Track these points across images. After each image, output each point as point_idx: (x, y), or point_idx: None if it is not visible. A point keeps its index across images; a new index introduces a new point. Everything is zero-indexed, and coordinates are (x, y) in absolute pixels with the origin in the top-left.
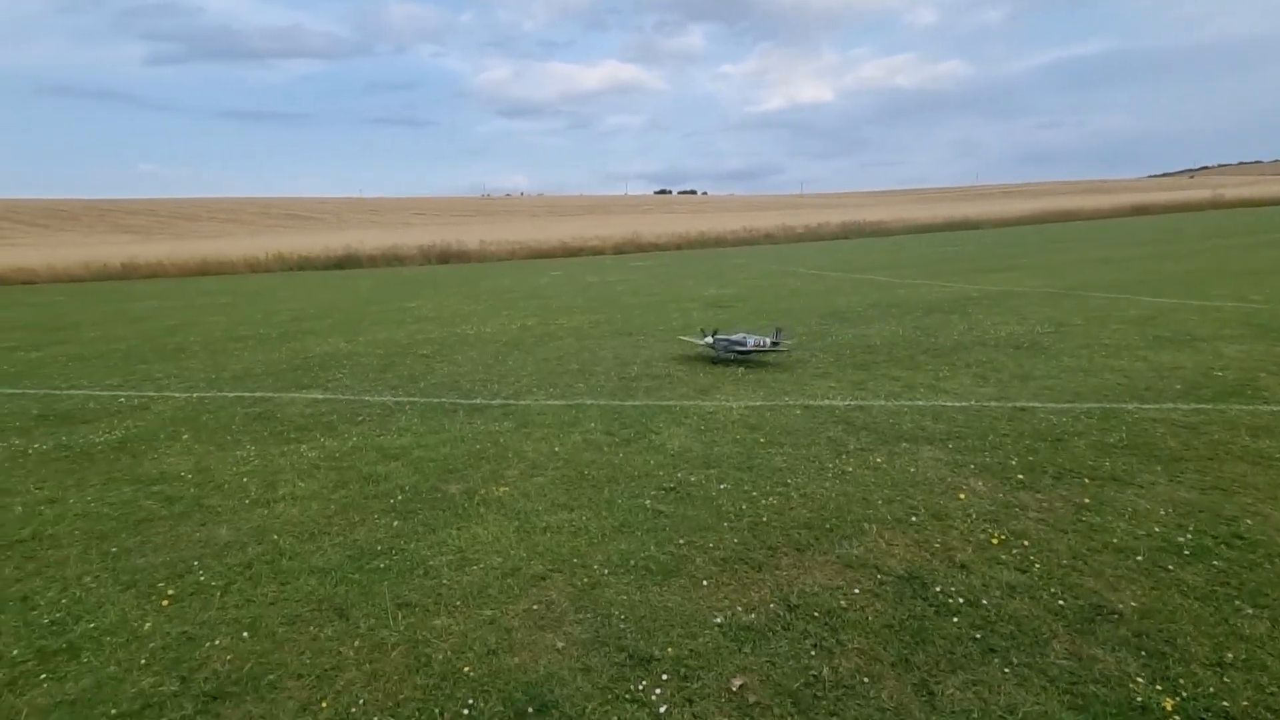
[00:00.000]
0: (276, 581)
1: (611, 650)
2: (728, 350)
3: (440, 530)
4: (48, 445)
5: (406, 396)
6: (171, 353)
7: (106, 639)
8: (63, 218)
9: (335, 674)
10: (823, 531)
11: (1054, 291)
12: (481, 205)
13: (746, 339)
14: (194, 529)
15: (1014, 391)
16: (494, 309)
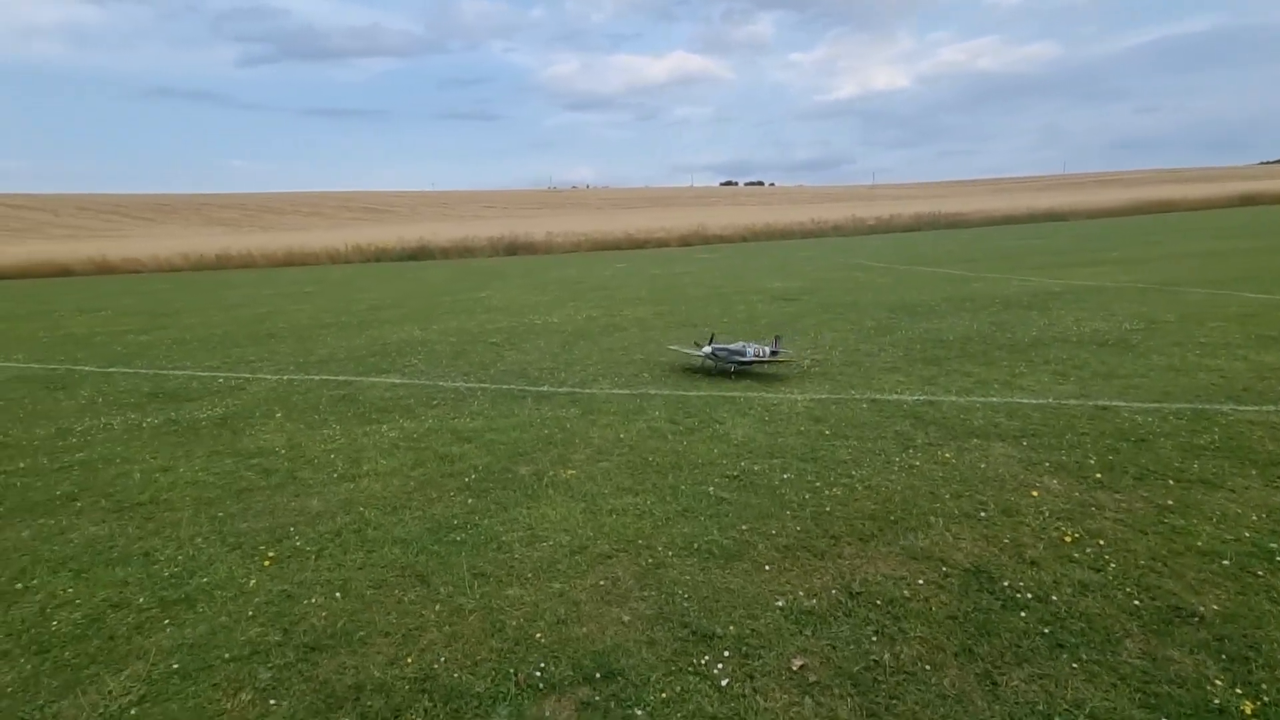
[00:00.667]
0: (363, 549)
1: (675, 626)
2: (727, 361)
3: (511, 509)
4: (159, 420)
5: (478, 382)
6: (263, 338)
7: (217, 592)
8: (165, 212)
9: (419, 634)
10: (887, 523)
11: (1146, 287)
12: (547, 198)
13: (746, 348)
14: (289, 499)
15: (1096, 390)
16: (560, 300)
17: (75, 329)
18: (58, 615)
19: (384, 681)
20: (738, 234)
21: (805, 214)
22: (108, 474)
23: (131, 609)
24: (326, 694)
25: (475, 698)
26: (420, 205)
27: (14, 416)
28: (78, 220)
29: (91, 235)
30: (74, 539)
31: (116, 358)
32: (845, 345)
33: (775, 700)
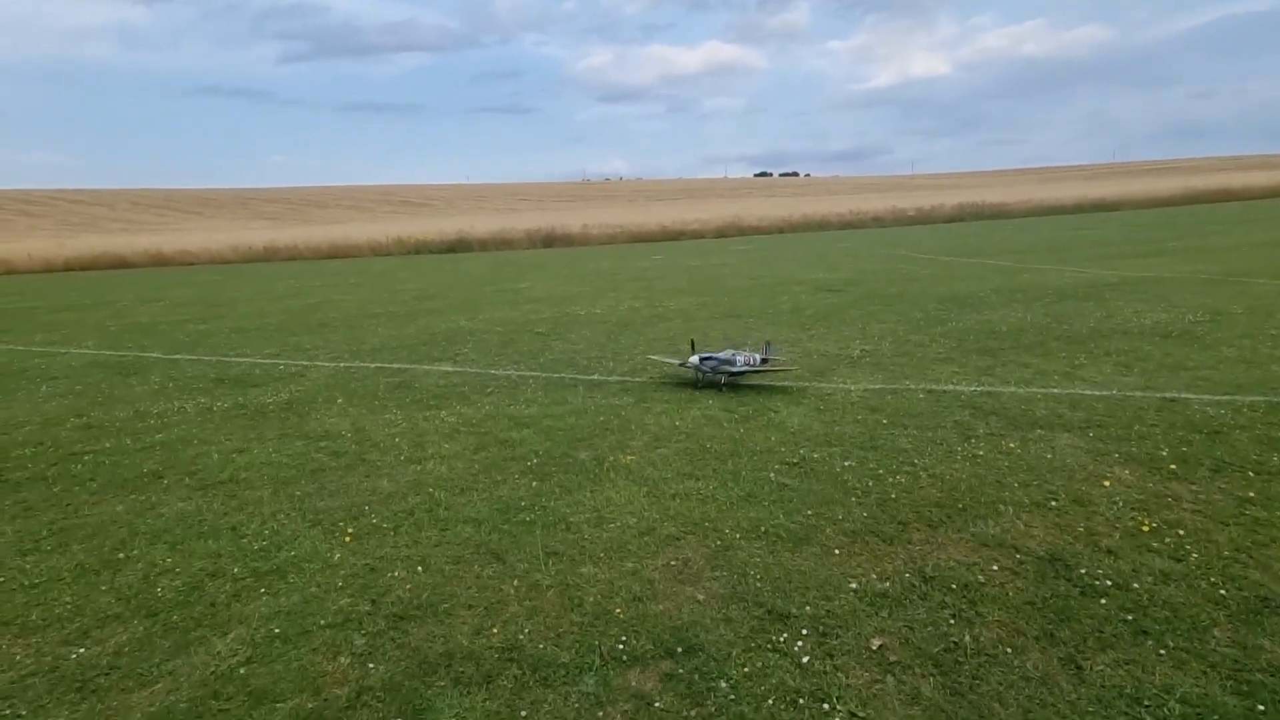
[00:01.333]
0: (437, 527)
1: (750, 605)
2: (716, 372)
3: (575, 492)
4: (228, 404)
5: (529, 371)
6: (316, 327)
7: (305, 565)
8: (212, 205)
9: (500, 607)
10: (955, 511)
11: (1209, 278)
12: (580, 190)
13: (736, 357)
14: (360, 480)
15: (1162, 381)
16: (600, 291)
17: (139, 318)
18: (160, 582)
19: (472, 650)
20: (774, 225)
21: (843, 205)
22: (187, 454)
23: (227, 578)
24: (419, 660)
25: (562, 667)
26: (456, 198)
27: (94, 400)
28: (131, 214)
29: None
30: (165, 513)
31: (180, 345)
32: (895, 336)
33: (857, 678)
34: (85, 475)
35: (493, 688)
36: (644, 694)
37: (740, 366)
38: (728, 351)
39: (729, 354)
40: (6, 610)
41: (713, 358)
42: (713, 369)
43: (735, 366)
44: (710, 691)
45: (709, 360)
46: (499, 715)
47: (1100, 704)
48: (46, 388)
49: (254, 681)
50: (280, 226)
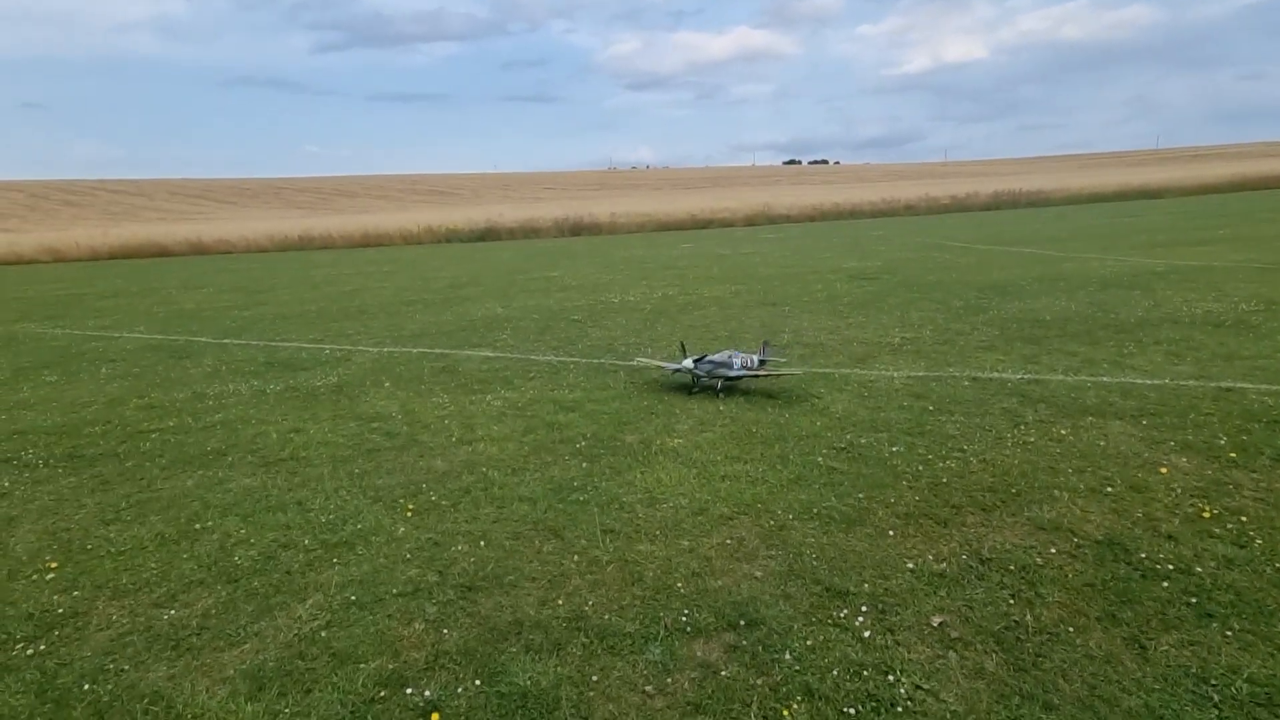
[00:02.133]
0: (493, 505)
1: (808, 582)
2: (712, 375)
3: (625, 473)
4: (280, 387)
5: (568, 357)
6: (355, 313)
7: (372, 538)
8: (246, 195)
9: (563, 580)
10: (1009, 495)
11: (1262, 266)
12: (607, 178)
13: (734, 359)
14: (414, 459)
15: (1217, 371)
16: (632, 279)
17: (184, 305)
18: (237, 551)
19: (539, 619)
20: (804, 214)
21: (875, 193)
22: (247, 433)
23: (299, 549)
24: (490, 627)
25: (628, 637)
26: (483, 187)
27: (152, 381)
28: (169, 204)
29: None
30: (232, 489)
31: (228, 330)
32: (935, 324)
33: (919, 653)
34: (154, 452)
35: (563, 654)
36: (710, 663)
37: (738, 369)
38: (724, 353)
39: (726, 356)
40: (98, 575)
41: (709, 360)
42: (708, 372)
43: (733, 370)
44: (775, 662)
45: (704, 363)
46: (571, 680)
47: (1166, 682)
48: (106, 370)
49: (335, 644)
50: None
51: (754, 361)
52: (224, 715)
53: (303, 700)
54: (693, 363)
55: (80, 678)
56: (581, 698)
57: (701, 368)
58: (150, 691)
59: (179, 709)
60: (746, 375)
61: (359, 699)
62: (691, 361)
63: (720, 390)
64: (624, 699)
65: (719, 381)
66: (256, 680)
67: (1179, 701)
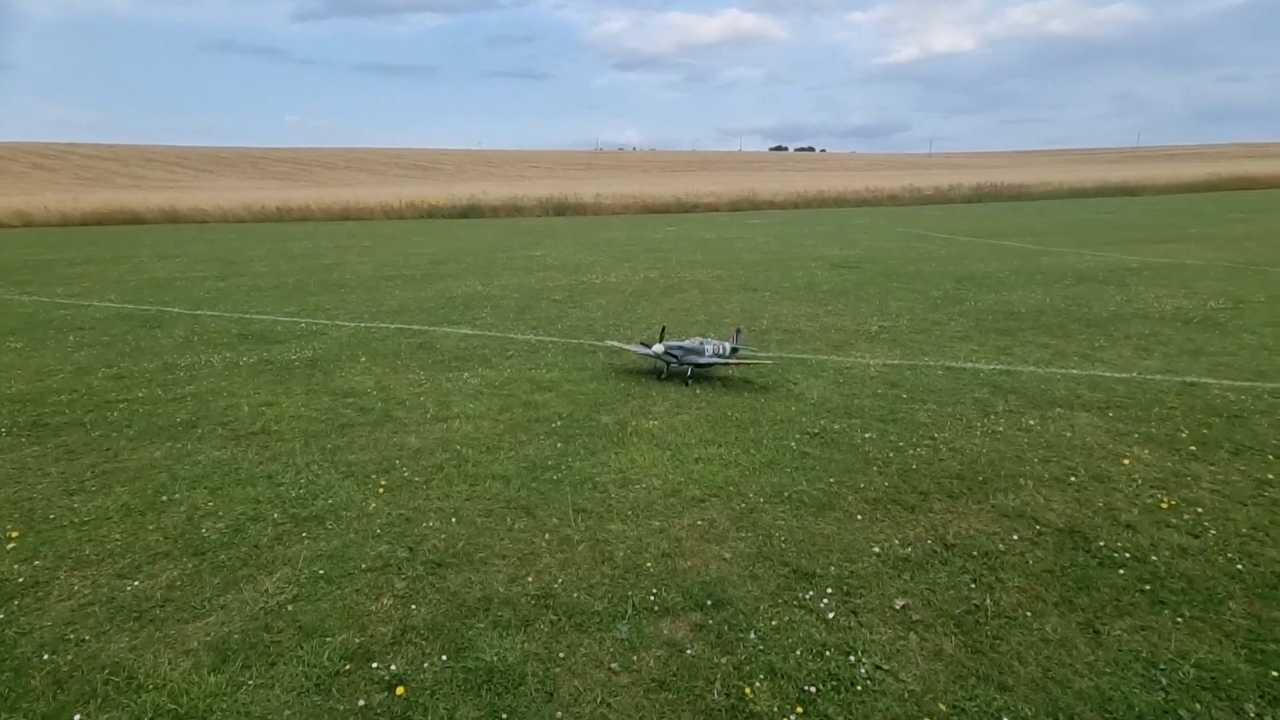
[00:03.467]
0: (466, 482)
1: (775, 564)
2: (681, 362)
3: (600, 453)
4: (253, 359)
5: (547, 336)
6: (333, 287)
7: (342, 513)
8: (223, 164)
9: (533, 558)
10: (975, 483)
11: (1231, 265)
12: (592, 159)
13: (705, 346)
14: (388, 435)
15: (1182, 366)
16: (615, 260)
17: (156, 273)
18: (204, 524)
19: (509, 596)
20: (789, 200)
21: (859, 182)
22: (218, 405)
23: (268, 523)
24: (458, 603)
25: (596, 615)
26: (466, 164)
27: (122, 351)
28: (143, 170)
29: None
30: (202, 460)
31: (201, 301)
32: (913, 314)
33: (881, 634)
34: (121, 422)
35: (530, 631)
36: (675, 642)
37: (709, 357)
38: (695, 340)
39: (697, 342)
40: (61, 545)
41: (679, 346)
42: (679, 359)
43: (703, 357)
44: (740, 641)
45: (675, 349)
46: (538, 656)
47: (1117, 666)
48: (74, 338)
49: (302, 617)
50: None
51: (726, 349)
52: (186, 686)
53: (267, 673)
54: (663, 348)
55: (40, 647)
56: (547, 674)
57: (672, 353)
58: (111, 662)
59: (140, 679)
60: (717, 363)
61: (324, 672)
62: (662, 347)
63: (690, 378)
64: (589, 675)
65: (689, 368)
66: (220, 652)
67: (1129, 684)
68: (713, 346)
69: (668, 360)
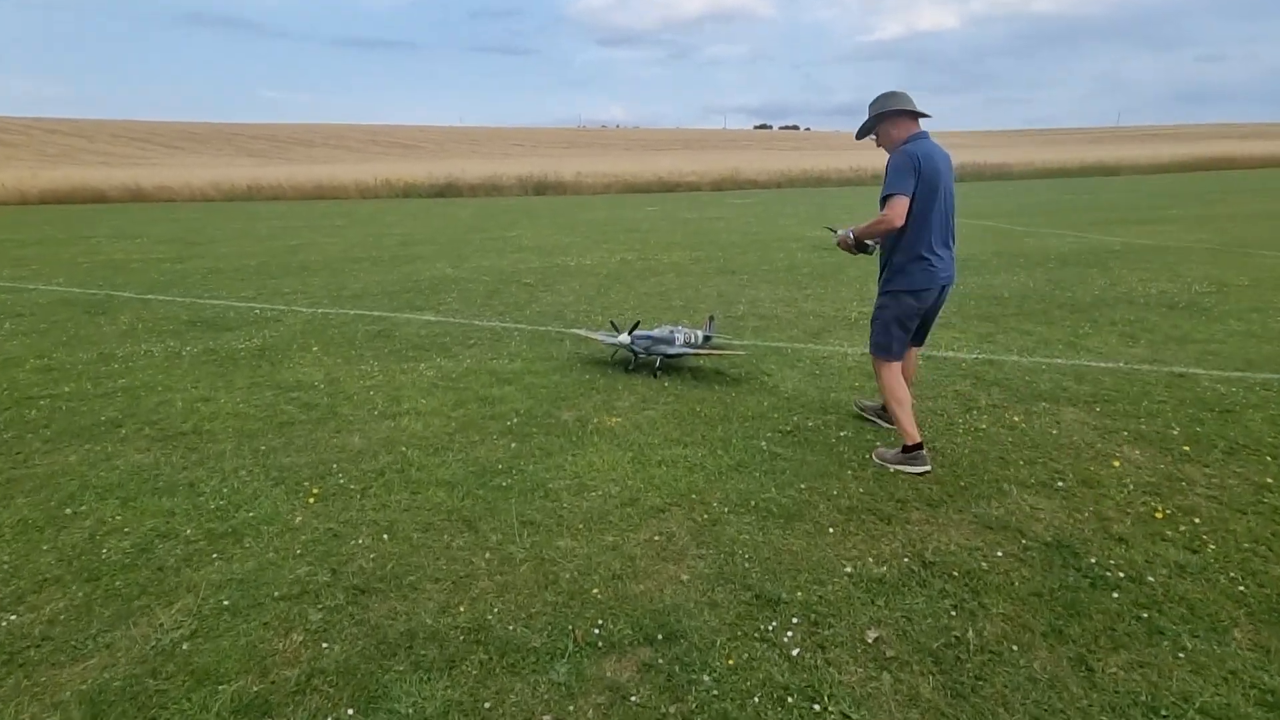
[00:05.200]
0: (408, 490)
1: (737, 588)
2: (649, 352)
3: (556, 455)
4: (198, 349)
5: (514, 323)
6: (296, 270)
7: (264, 528)
8: (196, 140)
9: (469, 582)
10: (956, 489)
11: (1214, 247)
12: (575, 137)
13: (675, 335)
14: (330, 435)
15: (1170, 355)
16: (592, 241)
17: (113, 255)
18: (107, 543)
19: (436, 630)
20: (772, 179)
21: (843, 160)
22: (150, 401)
23: (179, 540)
24: (379, 639)
25: (532, 653)
26: (448, 141)
27: (58, 340)
28: (111, 147)
29: (124, 162)
30: (120, 466)
31: (154, 285)
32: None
33: (850, 674)
34: (39, 422)
35: (455, 674)
36: (619, 686)
37: (679, 347)
38: (665, 328)
39: (666, 331)
40: None
41: (647, 335)
42: (646, 349)
43: (673, 347)
44: (691, 685)
45: (643, 339)
46: (460, 706)
47: (1114, 712)
48: (9, 325)
49: (197, 659)
50: (264, 164)
51: (698, 337)
52: None
53: None
54: (629, 337)
55: None
56: None
57: (639, 344)
58: None
59: None
60: (688, 353)
61: None
62: (628, 336)
63: (658, 369)
64: None
65: (657, 359)
66: (94, 705)
67: None
68: (683, 335)
69: (635, 351)
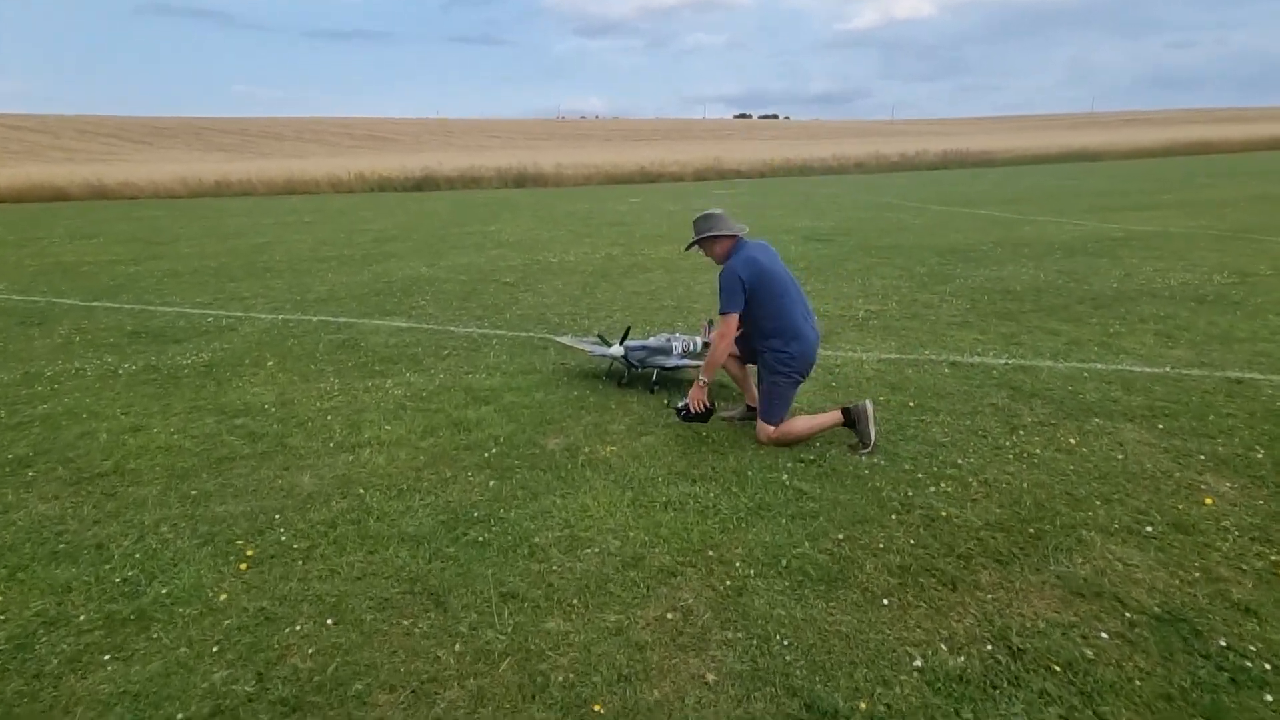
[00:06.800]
0: (364, 549)
1: (780, 693)
2: (644, 364)
3: (542, 497)
4: (138, 365)
5: (492, 329)
6: (259, 271)
7: (179, 610)
8: (164, 136)
9: (434, 689)
10: (1026, 538)
11: (1219, 234)
12: (555, 128)
13: (672, 343)
14: (276, 473)
15: (1217, 357)
16: (575, 236)
17: (65, 257)
18: None
19: None
20: (755, 169)
21: (824, 149)
22: (71, 433)
23: (70, 629)
24: None
25: None
26: (424, 134)
27: None
28: (77, 143)
29: (89, 159)
30: (18, 521)
31: (103, 290)
32: (900, 294)
33: None
34: None
35: None
36: None
37: (677, 358)
38: (661, 336)
39: (663, 340)
40: None
41: (641, 346)
42: (641, 361)
43: (671, 358)
44: None
45: (637, 350)
46: None
47: None
48: None
49: None
50: (235, 159)
51: (697, 345)
52: None
53: None
54: (622, 348)
55: None
56: None
57: (633, 356)
58: None
59: None
60: (688, 365)
61: None
62: (620, 347)
63: (655, 383)
64: None
65: (654, 372)
66: None
67: None
68: (681, 344)
69: (630, 364)
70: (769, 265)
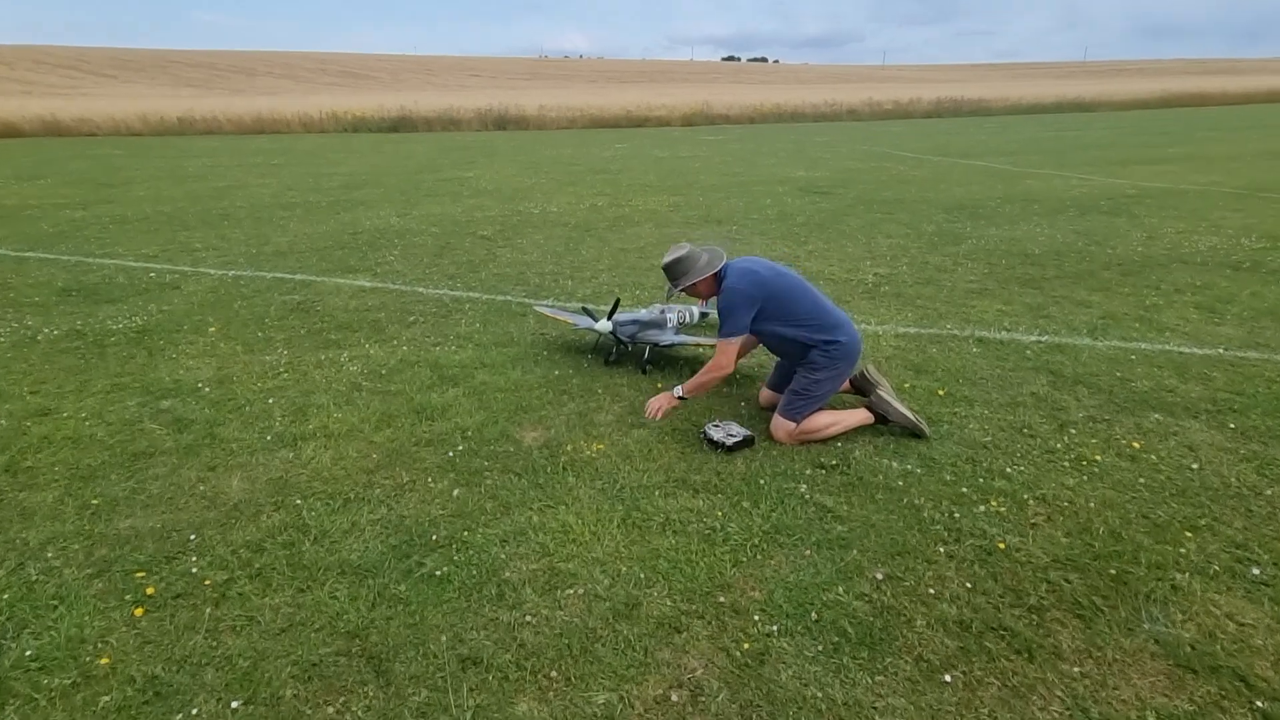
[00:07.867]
0: (293, 585)
1: None
2: (635, 340)
3: (516, 511)
4: (60, 330)
5: (465, 290)
6: (216, 219)
7: (46, 680)
8: (129, 68)
9: None
10: (1106, 582)
11: (1233, 191)
12: (537, 67)
13: (666, 316)
14: (200, 475)
15: (1271, 337)
16: (558, 184)
17: (6, 200)
18: None
19: None
20: (744, 114)
21: (816, 95)
22: None
23: None
24: None
25: None
26: (402, 71)
27: None
28: (34, 75)
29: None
30: None
31: (40, 239)
32: (910, 255)
33: None
34: None
35: None
36: None
37: (672, 333)
38: (655, 308)
39: (656, 312)
40: None
41: (633, 319)
42: (632, 336)
43: (665, 333)
44: None
45: (627, 324)
46: None
47: None
48: None
49: None
50: (204, 95)
51: (693, 315)
52: None
53: None
54: (610, 324)
55: None
56: None
57: (623, 332)
58: None
59: None
60: (685, 343)
61: None
62: (609, 322)
63: (647, 361)
64: None
65: (646, 349)
66: None
67: None
68: (676, 314)
69: (620, 340)
70: (769, 269)
